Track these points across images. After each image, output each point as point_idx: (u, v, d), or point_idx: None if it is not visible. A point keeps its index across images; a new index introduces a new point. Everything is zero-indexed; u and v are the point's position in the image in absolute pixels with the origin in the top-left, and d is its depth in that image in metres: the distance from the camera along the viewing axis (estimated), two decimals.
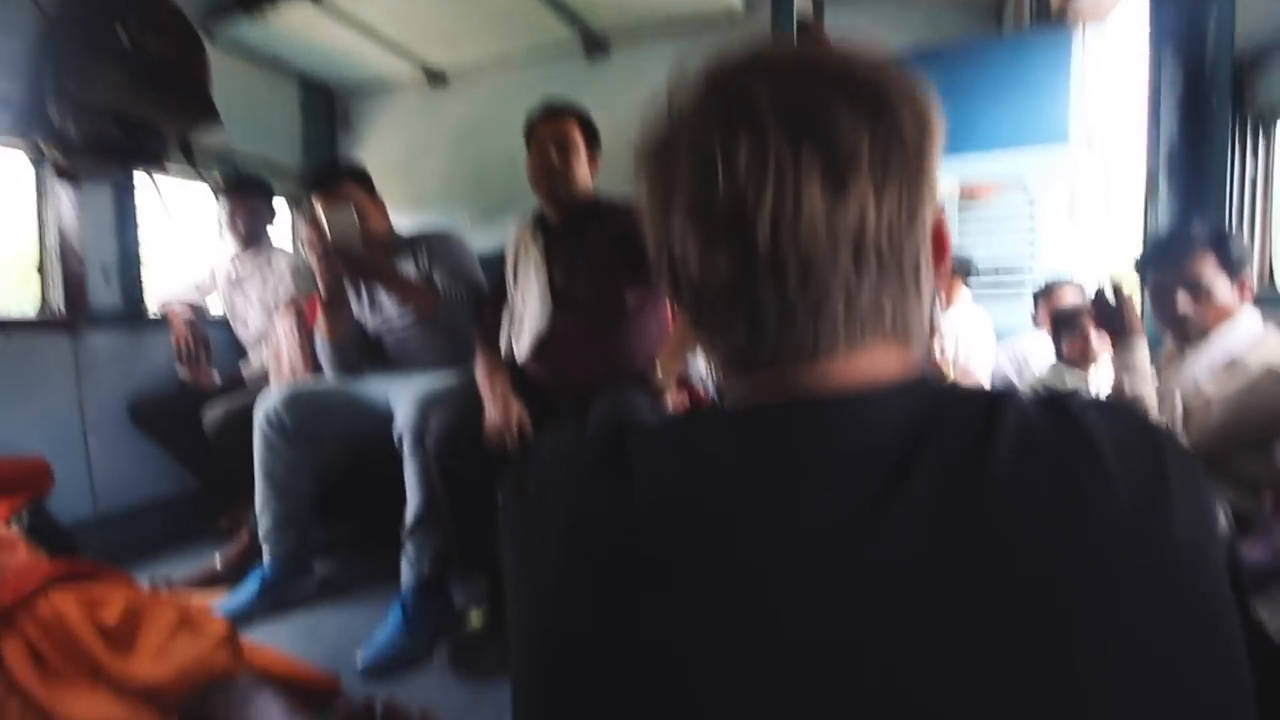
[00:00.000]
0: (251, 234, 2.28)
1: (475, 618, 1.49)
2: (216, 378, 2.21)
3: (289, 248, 2.47)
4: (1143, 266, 1.54)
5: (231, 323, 2.37)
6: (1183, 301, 1.40)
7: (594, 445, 0.40)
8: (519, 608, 0.40)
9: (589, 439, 0.41)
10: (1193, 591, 0.33)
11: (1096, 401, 0.37)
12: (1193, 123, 2.04)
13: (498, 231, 2.00)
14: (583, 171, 1.57)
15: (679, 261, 0.39)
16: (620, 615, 0.35)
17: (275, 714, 1.00)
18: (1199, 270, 1.39)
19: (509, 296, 1.65)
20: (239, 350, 2.38)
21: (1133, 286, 1.80)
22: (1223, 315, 1.40)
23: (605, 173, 1.66)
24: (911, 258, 0.38)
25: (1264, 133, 1.88)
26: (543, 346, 1.56)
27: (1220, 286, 1.39)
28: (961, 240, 2.94)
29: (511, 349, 1.62)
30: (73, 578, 1.22)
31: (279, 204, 2.48)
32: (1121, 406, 0.38)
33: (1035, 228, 2.91)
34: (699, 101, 0.38)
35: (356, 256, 1.61)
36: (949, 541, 0.31)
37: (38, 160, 1.96)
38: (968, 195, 2.93)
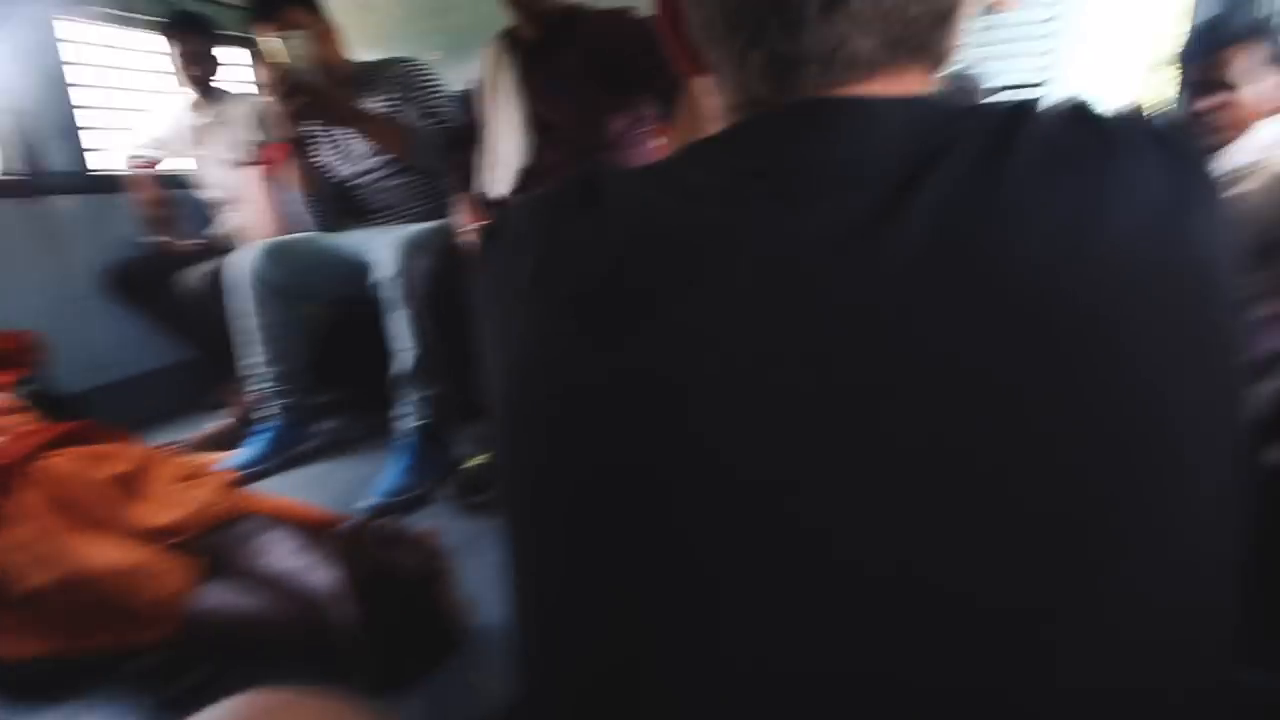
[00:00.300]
0: (203, 82, 2.09)
1: (476, 458, 1.53)
2: (190, 241, 2.13)
3: (245, 95, 2.26)
4: (1184, 60, 1.40)
5: (198, 183, 2.24)
6: (1211, 99, 1.29)
7: (567, 190, 0.37)
8: (496, 374, 0.38)
9: (561, 186, 0.38)
10: (1216, 298, 0.31)
11: (1125, 114, 0.33)
12: None
13: (471, 67, 1.82)
14: None
15: None
16: (602, 352, 0.32)
17: (286, 545, 1.04)
18: (1234, 62, 1.27)
19: (484, 127, 1.53)
20: (209, 212, 2.27)
21: (1160, 99, 1.66)
22: (1259, 114, 1.29)
23: None
24: None
25: None
26: (523, 181, 1.47)
27: (1258, 84, 1.27)
28: (979, 58, 2.70)
29: (490, 186, 1.52)
30: (79, 438, 1.24)
31: (228, 48, 2.26)
32: (1149, 120, 0.33)
33: (1056, 35, 2.67)
34: None
35: (316, 90, 1.47)
36: (953, 253, 0.29)
37: None
38: (984, 5, 2.65)
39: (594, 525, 0.33)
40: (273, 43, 1.46)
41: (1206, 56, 1.30)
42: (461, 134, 1.63)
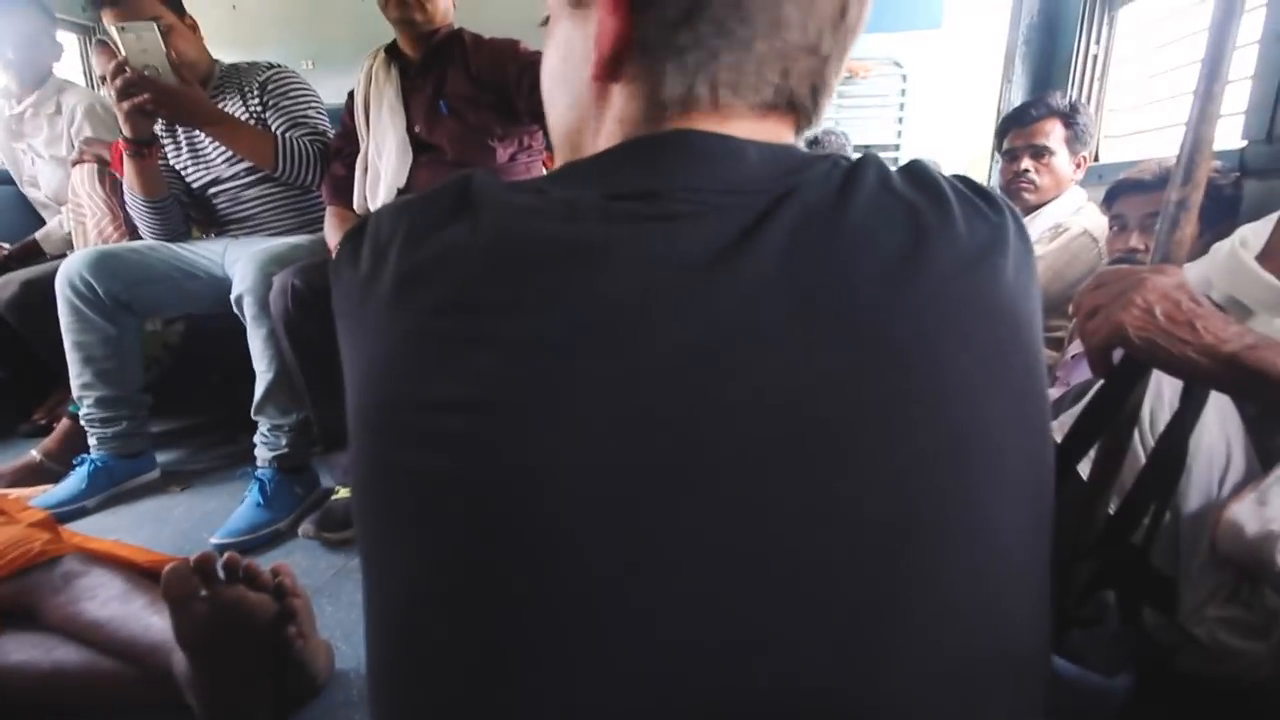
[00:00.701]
0: (30, 70, 1.86)
1: (342, 492, 1.44)
2: (2, 247, 1.86)
3: (80, 85, 2.03)
4: (1000, 132, 1.63)
5: (17, 181, 1.98)
6: (1026, 162, 1.51)
7: (437, 197, 0.36)
8: (355, 382, 0.36)
9: (430, 194, 0.37)
10: (1021, 333, 0.36)
11: (953, 173, 0.39)
12: (1049, 3, 2.14)
13: (347, 82, 1.74)
14: None
15: None
16: (466, 360, 0.32)
17: (114, 586, 0.91)
18: (1047, 133, 1.49)
19: (360, 143, 1.47)
20: (30, 214, 2.00)
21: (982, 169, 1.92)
22: (1059, 185, 1.53)
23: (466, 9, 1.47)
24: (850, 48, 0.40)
25: (1108, 17, 1.99)
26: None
27: (1062, 155, 1.50)
28: (839, 116, 3.01)
29: (365, 203, 1.46)
30: None
31: (65, 35, 2.02)
32: (968, 176, 0.39)
33: (906, 105, 3.03)
34: None
35: (166, 86, 1.34)
36: (799, 281, 0.32)
37: None
38: (848, 72, 2.96)
39: (446, 539, 0.32)
40: (119, 32, 1.33)
41: (1027, 124, 1.52)
42: (333, 144, 1.55)
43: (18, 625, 0.90)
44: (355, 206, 1.48)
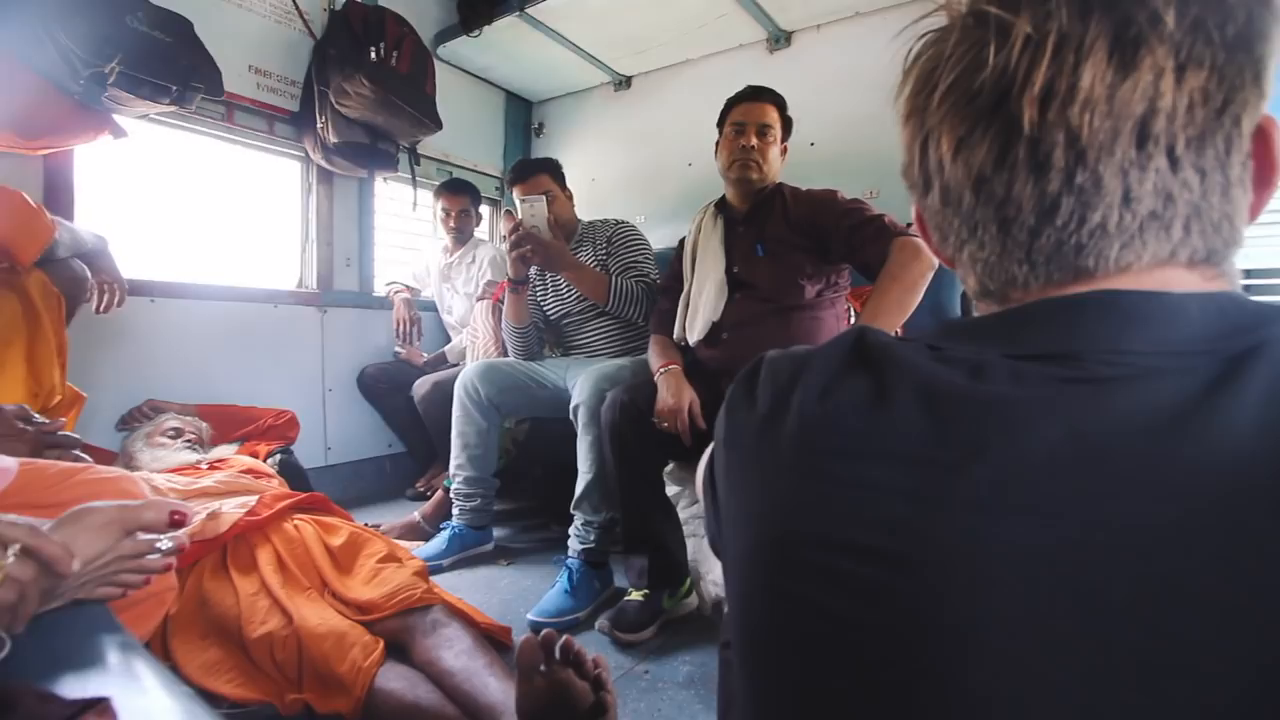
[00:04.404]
0: (461, 231, 2.57)
1: (634, 594, 1.54)
2: (424, 356, 2.51)
3: (490, 242, 2.74)
4: None
5: (439, 309, 2.68)
6: None
7: (833, 348, 0.38)
8: (745, 520, 0.38)
9: (826, 347, 0.39)
10: None
11: None
12: None
13: (671, 230, 2.06)
14: (776, 156, 1.58)
15: (932, 160, 0.37)
16: (881, 506, 0.32)
17: (465, 641, 1.10)
18: None
19: (684, 282, 1.69)
20: (441, 333, 2.68)
21: None
22: None
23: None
24: (1217, 158, 0.32)
25: None
26: (716, 331, 1.58)
27: None
28: None
29: (683, 333, 1.66)
30: (311, 508, 1.46)
31: (484, 206, 2.77)
32: None
33: None
34: None
35: (543, 240, 1.74)
36: None
37: (305, 162, 2.37)
38: None
39: (835, 678, 0.32)
40: (520, 202, 1.78)
41: None
42: (662, 283, 1.81)
43: (395, 656, 1.12)
44: (674, 335, 1.68)
